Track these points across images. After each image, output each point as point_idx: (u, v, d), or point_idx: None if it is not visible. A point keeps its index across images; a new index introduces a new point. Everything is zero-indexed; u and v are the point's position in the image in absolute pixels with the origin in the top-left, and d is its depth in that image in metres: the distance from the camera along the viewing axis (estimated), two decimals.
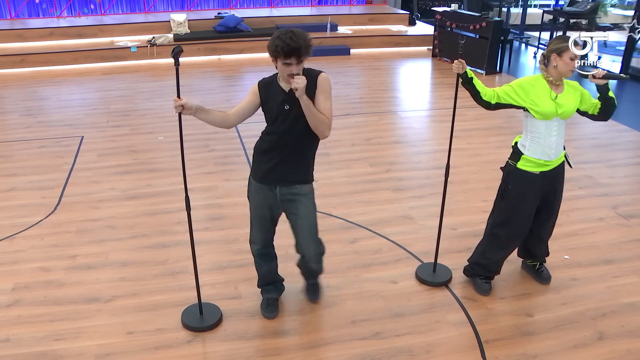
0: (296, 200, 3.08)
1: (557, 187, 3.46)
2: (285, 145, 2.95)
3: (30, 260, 3.99)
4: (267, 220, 3.17)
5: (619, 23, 12.28)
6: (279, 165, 3.00)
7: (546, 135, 3.24)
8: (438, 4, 13.05)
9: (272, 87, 2.95)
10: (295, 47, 2.69)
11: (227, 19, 10.39)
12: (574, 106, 3.24)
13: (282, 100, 2.90)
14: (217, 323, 3.33)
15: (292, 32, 2.72)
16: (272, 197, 3.08)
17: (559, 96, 3.21)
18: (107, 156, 5.83)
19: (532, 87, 3.24)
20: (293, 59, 2.73)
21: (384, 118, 7.11)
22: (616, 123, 6.93)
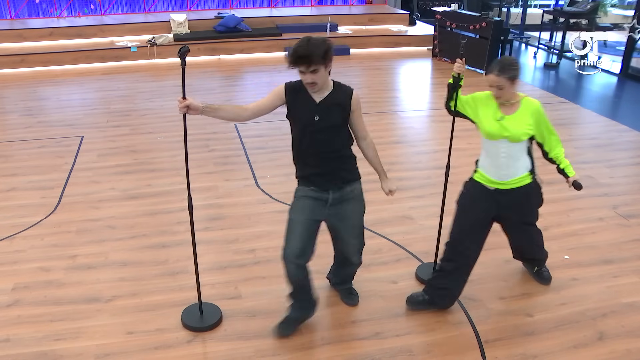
0: (345, 202, 3.07)
1: (520, 209, 3.28)
2: (321, 154, 2.95)
3: (30, 260, 3.99)
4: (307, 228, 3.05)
5: (619, 23, 12.29)
6: (322, 174, 3.00)
7: (494, 155, 3.15)
8: (438, 4, 13.05)
9: (302, 94, 2.89)
10: (302, 55, 2.66)
11: (227, 19, 10.39)
12: (523, 132, 3.04)
13: (313, 110, 2.88)
14: (217, 323, 3.33)
15: (307, 40, 2.69)
16: (321, 204, 3.05)
17: (506, 118, 3.06)
18: (107, 156, 5.83)
19: (482, 102, 3.17)
20: (303, 67, 2.71)
21: (384, 118, 7.11)
22: (616, 123, 6.94)
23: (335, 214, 3.08)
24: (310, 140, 2.93)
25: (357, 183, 3.11)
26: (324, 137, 2.90)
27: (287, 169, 5.48)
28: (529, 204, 3.32)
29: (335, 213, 3.07)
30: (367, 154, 3.13)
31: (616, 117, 7.18)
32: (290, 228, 3.05)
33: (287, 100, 2.93)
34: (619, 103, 8.12)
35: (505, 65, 2.97)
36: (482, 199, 3.26)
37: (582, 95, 8.44)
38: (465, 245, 3.30)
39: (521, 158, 3.15)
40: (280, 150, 5.92)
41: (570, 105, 7.65)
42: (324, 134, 2.90)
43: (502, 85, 2.97)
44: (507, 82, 2.96)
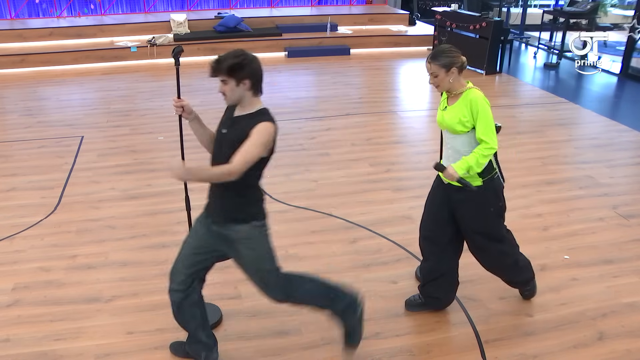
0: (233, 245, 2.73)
1: (470, 211, 3.06)
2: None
3: (30, 260, 3.99)
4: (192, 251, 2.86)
5: (619, 23, 12.29)
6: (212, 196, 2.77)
7: (444, 145, 3.11)
8: (438, 4, 13.05)
9: (230, 110, 2.73)
10: (212, 64, 2.56)
11: (227, 19, 10.39)
12: (457, 121, 2.89)
13: (225, 122, 2.69)
14: (217, 323, 3.33)
15: (228, 53, 2.56)
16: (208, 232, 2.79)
17: (448, 108, 2.98)
18: (107, 156, 5.83)
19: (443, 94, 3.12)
20: (218, 77, 2.58)
21: (384, 118, 7.11)
22: (616, 123, 6.94)
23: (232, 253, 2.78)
24: (213, 155, 2.74)
25: (245, 226, 2.68)
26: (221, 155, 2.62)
27: (287, 169, 5.49)
28: (477, 210, 3.05)
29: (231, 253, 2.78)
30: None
31: (616, 117, 7.18)
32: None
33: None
34: (619, 103, 8.12)
35: (438, 52, 2.88)
36: (439, 191, 3.19)
37: (582, 95, 8.44)
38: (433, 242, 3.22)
39: (464, 153, 2.95)
40: (280, 150, 5.89)
41: (570, 105, 7.65)
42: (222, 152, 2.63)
43: (436, 72, 2.88)
44: (440, 70, 2.86)
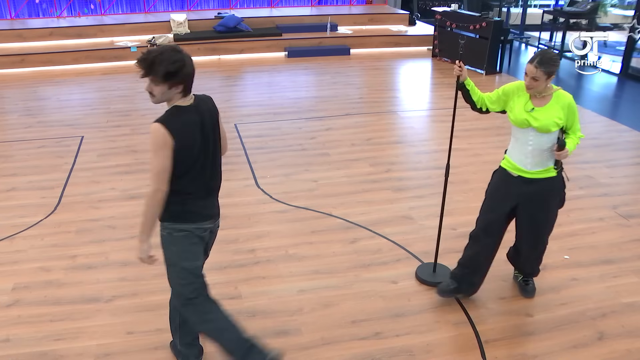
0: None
1: (541, 202, 3.26)
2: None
3: (30, 260, 3.99)
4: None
5: (619, 23, 12.28)
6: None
7: (522, 142, 3.17)
8: (438, 4, 13.05)
9: None
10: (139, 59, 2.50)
11: (227, 19, 10.39)
12: (553, 122, 3.06)
13: None
14: None
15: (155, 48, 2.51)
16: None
17: (536, 109, 3.09)
18: (107, 156, 5.83)
19: (513, 93, 3.20)
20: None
21: (384, 118, 7.11)
22: (616, 123, 6.94)
23: None
24: None
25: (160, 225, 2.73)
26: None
27: (287, 169, 5.49)
28: (548, 198, 3.27)
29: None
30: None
31: (616, 117, 7.18)
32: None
33: None
34: (619, 103, 8.12)
35: (546, 58, 2.98)
36: (505, 185, 3.29)
37: (582, 95, 8.44)
38: (487, 232, 3.36)
39: (548, 150, 3.14)
40: (280, 150, 5.93)
41: None
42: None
43: (538, 77, 2.99)
44: (543, 76, 2.98)
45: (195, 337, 2.99)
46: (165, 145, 2.45)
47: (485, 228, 3.37)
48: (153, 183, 2.52)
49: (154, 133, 2.46)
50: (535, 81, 3.01)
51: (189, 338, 2.96)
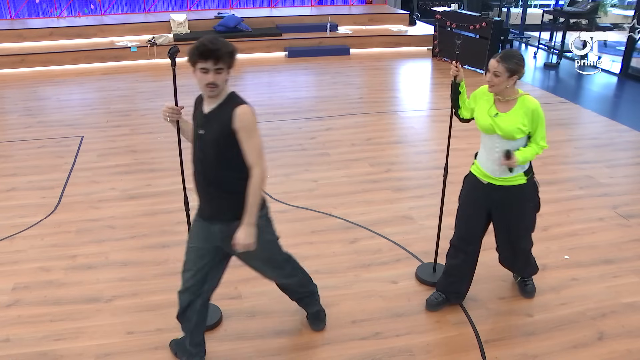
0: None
1: (512, 209, 3.19)
2: (202, 174, 2.62)
3: (30, 260, 3.99)
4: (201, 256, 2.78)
5: (619, 23, 12.28)
6: (203, 200, 2.69)
7: (489, 148, 3.12)
8: (438, 4, 13.05)
9: (199, 103, 2.66)
10: (212, 49, 2.42)
11: (227, 19, 10.39)
12: (516, 129, 2.97)
13: (200, 123, 2.60)
14: (217, 323, 3.33)
15: (215, 37, 2.48)
16: (211, 236, 2.72)
17: (500, 114, 3.01)
18: (107, 156, 5.83)
19: (479, 98, 3.16)
20: (209, 63, 2.43)
21: (384, 118, 7.11)
22: (616, 123, 6.94)
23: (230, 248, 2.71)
24: (196, 159, 2.64)
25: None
26: (206, 158, 2.57)
27: (287, 169, 5.49)
28: (520, 206, 3.20)
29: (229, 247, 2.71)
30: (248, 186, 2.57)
31: (616, 117, 7.18)
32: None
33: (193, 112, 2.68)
34: (619, 103, 8.12)
35: (510, 55, 2.94)
36: (476, 192, 3.24)
37: (582, 95, 8.44)
38: (467, 241, 3.31)
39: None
40: (280, 150, 5.93)
41: (570, 105, 7.65)
42: (206, 154, 2.57)
43: (499, 72, 2.92)
44: (504, 72, 2.91)
45: (203, 338, 2.99)
46: (257, 124, 2.54)
47: (464, 237, 3.32)
48: (259, 162, 2.54)
49: (248, 114, 2.51)
50: (496, 77, 2.94)
51: (199, 338, 2.96)
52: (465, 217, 3.32)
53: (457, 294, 3.48)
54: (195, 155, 2.65)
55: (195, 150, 2.66)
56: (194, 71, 2.50)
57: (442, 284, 3.49)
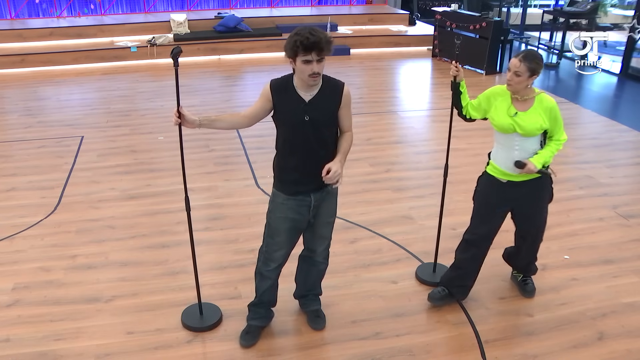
0: (325, 201, 2.96)
1: (532, 201, 3.26)
2: (311, 153, 2.79)
3: (30, 260, 3.99)
4: (293, 234, 3.02)
5: (619, 23, 12.29)
6: (310, 175, 2.83)
7: (508, 148, 3.14)
8: (438, 4, 13.05)
9: (288, 93, 2.76)
10: (315, 40, 2.54)
11: (227, 19, 10.39)
12: (537, 127, 3.04)
13: (303, 110, 2.74)
14: (217, 323, 3.33)
15: (312, 28, 2.60)
16: (305, 208, 2.93)
17: (519, 114, 3.06)
18: (107, 156, 5.83)
19: (494, 99, 3.17)
20: (313, 55, 2.57)
21: (384, 118, 7.11)
22: (616, 123, 6.94)
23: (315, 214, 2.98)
24: (301, 141, 2.79)
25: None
26: (315, 137, 2.76)
27: None
28: (539, 196, 3.27)
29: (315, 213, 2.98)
30: (341, 140, 2.90)
31: (616, 117, 7.18)
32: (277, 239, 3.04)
33: (274, 100, 2.78)
34: (619, 103, 8.12)
35: (531, 55, 2.98)
36: (495, 192, 3.27)
37: (582, 95, 8.44)
38: (483, 238, 3.35)
39: (535, 151, 3.13)
40: None
41: (570, 105, 7.66)
42: (315, 135, 2.76)
43: (521, 72, 2.97)
44: (525, 72, 2.96)
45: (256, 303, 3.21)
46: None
47: (481, 234, 3.35)
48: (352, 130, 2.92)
49: (349, 91, 2.87)
50: (517, 76, 2.98)
51: (255, 300, 3.20)
52: (484, 216, 3.34)
53: (463, 288, 3.48)
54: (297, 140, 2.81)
55: (294, 135, 2.80)
56: (293, 62, 2.64)
57: (447, 277, 3.51)
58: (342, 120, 2.86)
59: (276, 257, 3.04)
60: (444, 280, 3.52)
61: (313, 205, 2.92)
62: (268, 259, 3.06)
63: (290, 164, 2.87)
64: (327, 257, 3.23)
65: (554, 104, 3.09)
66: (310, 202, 2.91)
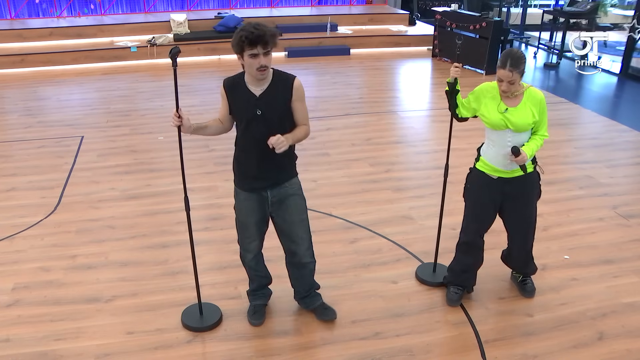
0: (286, 199, 3.03)
1: (524, 199, 3.28)
2: (265, 149, 2.80)
3: (30, 260, 3.99)
4: (262, 225, 3.13)
5: (619, 23, 12.29)
6: (264, 170, 2.94)
7: (500, 145, 3.14)
8: (438, 4, 13.05)
9: (240, 89, 2.86)
10: (259, 34, 2.63)
11: (227, 19, 10.39)
12: (528, 121, 3.05)
13: (254, 105, 2.83)
14: (217, 323, 3.33)
15: (256, 23, 2.69)
16: (264, 203, 3.03)
17: (510, 109, 3.06)
18: (107, 156, 5.83)
19: (483, 97, 3.17)
20: (259, 48, 2.66)
21: (384, 118, 7.11)
22: (616, 123, 6.94)
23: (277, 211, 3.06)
24: (255, 137, 2.85)
25: (296, 178, 3.08)
26: (268, 132, 2.78)
27: None
28: (530, 193, 3.30)
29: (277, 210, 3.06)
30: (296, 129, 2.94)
31: (616, 117, 7.18)
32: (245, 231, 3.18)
33: (228, 97, 2.89)
34: (619, 103, 8.12)
35: (516, 59, 2.95)
36: (487, 189, 3.28)
37: (582, 95, 8.44)
38: (480, 236, 3.39)
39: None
40: None
41: (570, 105, 7.65)
42: (269, 129, 2.79)
43: (514, 80, 2.98)
44: (518, 77, 2.98)
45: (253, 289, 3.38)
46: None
47: (478, 232, 3.38)
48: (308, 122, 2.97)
49: (301, 85, 2.89)
50: (512, 85, 3.00)
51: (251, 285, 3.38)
52: (478, 215, 3.35)
53: (473, 278, 3.56)
54: (251, 135, 2.86)
55: (249, 131, 2.86)
56: (241, 58, 2.72)
57: (458, 279, 3.53)
58: (296, 113, 2.91)
59: (251, 247, 3.19)
60: (456, 282, 3.53)
61: (271, 202, 3.02)
62: (246, 249, 3.22)
63: (246, 159, 2.97)
64: (312, 254, 3.28)
65: (542, 96, 3.11)
66: (267, 198, 3.01)
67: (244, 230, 3.15)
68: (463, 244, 3.45)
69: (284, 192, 3.01)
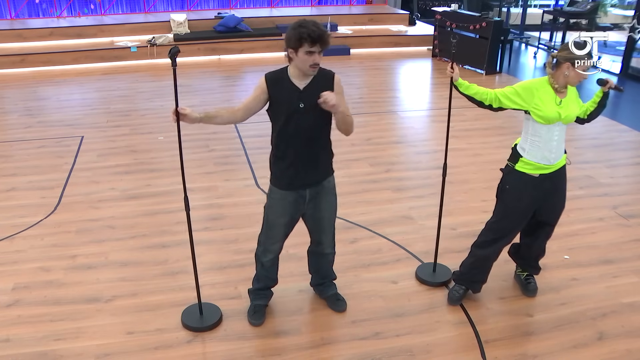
0: (321, 195, 3.07)
1: (559, 191, 3.34)
2: (306, 144, 2.90)
3: (30, 260, 3.99)
4: (289, 227, 3.16)
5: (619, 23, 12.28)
6: (305, 168, 2.96)
7: (547, 139, 3.16)
8: (438, 4, 13.05)
9: (283, 83, 2.87)
10: (320, 34, 2.67)
11: (227, 19, 10.40)
12: (576, 111, 3.21)
13: (297, 98, 2.84)
14: (217, 323, 3.33)
15: (313, 21, 2.71)
16: (300, 202, 3.05)
17: (563, 101, 3.16)
18: (107, 156, 5.83)
19: (537, 91, 3.15)
20: (318, 47, 2.70)
21: (384, 118, 7.11)
22: (616, 123, 6.94)
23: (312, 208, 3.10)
24: (295, 132, 2.87)
25: (332, 177, 3.14)
26: (309, 126, 2.86)
27: None
28: (565, 184, 3.36)
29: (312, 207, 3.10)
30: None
31: (616, 117, 7.18)
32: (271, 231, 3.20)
33: (269, 91, 2.89)
34: (619, 103, 8.12)
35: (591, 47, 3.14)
36: (531, 190, 3.25)
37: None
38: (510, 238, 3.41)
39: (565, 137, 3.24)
40: None
41: None
42: (309, 123, 2.86)
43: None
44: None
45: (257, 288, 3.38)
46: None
47: (513, 234, 3.40)
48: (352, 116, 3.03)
49: (340, 79, 2.98)
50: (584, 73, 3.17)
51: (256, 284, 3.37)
52: (516, 218, 3.33)
53: (481, 283, 3.54)
54: (293, 130, 2.87)
55: (289, 126, 2.86)
56: (294, 53, 2.75)
57: (466, 275, 3.52)
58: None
59: (273, 249, 3.22)
60: (462, 279, 3.53)
61: (308, 199, 3.04)
62: (267, 249, 3.23)
63: (284, 156, 2.95)
64: (334, 245, 3.37)
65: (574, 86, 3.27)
66: (305, 196, 3.03)
67: (270, 230, 3.16)
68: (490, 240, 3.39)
69: (321, 190, 3.06)
